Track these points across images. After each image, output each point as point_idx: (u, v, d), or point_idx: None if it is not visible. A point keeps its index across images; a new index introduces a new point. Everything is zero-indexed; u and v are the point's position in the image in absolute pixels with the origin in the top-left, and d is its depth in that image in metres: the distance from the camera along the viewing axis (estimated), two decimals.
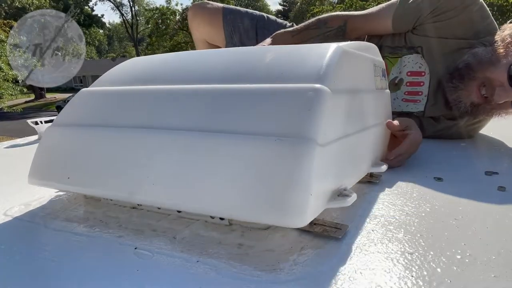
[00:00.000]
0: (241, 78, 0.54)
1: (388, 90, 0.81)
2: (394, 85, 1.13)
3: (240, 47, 0.77)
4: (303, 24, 1.23)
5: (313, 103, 0.45)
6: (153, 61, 0.70)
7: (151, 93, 0.57)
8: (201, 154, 0.47)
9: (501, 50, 0.91)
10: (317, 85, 0.47)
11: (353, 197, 0.48)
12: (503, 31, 0.97)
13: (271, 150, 0.43)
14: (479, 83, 0.94)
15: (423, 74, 1.08)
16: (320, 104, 0.45)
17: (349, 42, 0.63)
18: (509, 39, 0.92)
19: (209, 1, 1.69)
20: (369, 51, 0.71)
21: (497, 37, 0.96)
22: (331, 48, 0.55)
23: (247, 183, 0.43)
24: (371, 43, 0.77)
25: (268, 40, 1.22)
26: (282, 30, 1.25)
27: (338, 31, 1.16)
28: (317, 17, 1.22)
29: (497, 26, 1.03)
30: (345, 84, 0.54)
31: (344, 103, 0.53)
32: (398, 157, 0.78)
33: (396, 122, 0.78)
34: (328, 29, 1.17)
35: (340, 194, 0.49)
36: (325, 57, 0.52)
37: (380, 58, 0.79)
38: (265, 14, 1.68)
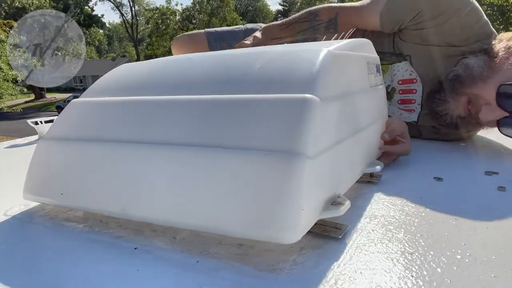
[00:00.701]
0: (230, 87, 0.52)
1: (383, 85, 0.80)
2: (387, 94, 1.10)
3: (229, 50, 0.77)
4: (292, 16, 1.19)
5: (302, 115, 0.44)
6: (141, 69, 0.69)
7: (139, 104, 0.56)
8: (190, 170, 0.46)
9: (495, 66, 0.87)
10: (307, 95, 0.46)
11: (347, 205, 0.48)
12: (499, 42, 0.92)
13: (261, 165, 0.42)
14: (467, 99, 0.90)
15: (414, 81, 1.05)
16: (309, 116, 0.44)
17: (340, 43, 0.61)
18: (502, 54, 0.88)
19: (189, 32, 1.72)
20: (362, 49, 0.69)
21: (493, 46, 0.92)
22: (321, 53, 0.53)
23: (237, 199, 0.43)
24: (365, 38, 0.76)
25: (258, 33, 1.18)
26: (271, 23, 1.21)
27: (328, 24, 1.12)
28: (307, 9, 1.17)
29: (491, 27, 0.98)
30: (336, 90, 0.53)
31: (335, 110, 0.52)
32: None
33: (387, 135, 0.77)
34: (318, 22, 1.12)
35: (334, 202, 0.48)
36: (315, 64, 0.51)
37: (374, 53, 0.77)
38: (246, 26, 1.67)
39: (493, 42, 0.94)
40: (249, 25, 1.68)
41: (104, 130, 0.56)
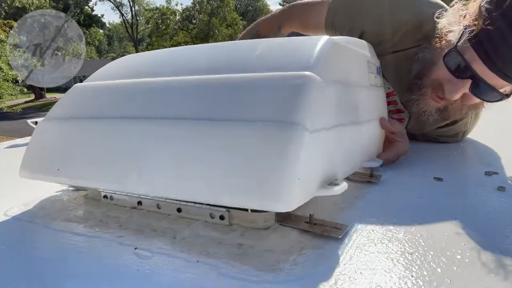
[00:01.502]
0: (232, 69, 0.54)
1: (382, 87, 0.80)
2: None
3: (232, 41, 0.77)
4: (242, 34, 1.20)
5: (302, 88, 0.46)
6: (144, 57, 0.71)
7: (140, 85, 0.58)
8: (187, 141, 0.47)
9: (438, 45, 0.85)
10: (307, 72, 0.48)
11: (343, 186, 0.48)
12: (441, 22, 0.87)
13: (259, 135, 0.43)
14: (431, 87, 0.88)
15: (394, 93, 1.02)
16: (309, 90, 0.46)
17: (342, 37, 0.63)
18: (444, 30, 0.84)
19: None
20: (363, 48, 0.71)
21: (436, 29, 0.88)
22: (322, 39, 0.56)
23: (234, 168, 0.43)
24: (367, 42, 0.76)
25: None
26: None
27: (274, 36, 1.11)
28: (255, 22, 1.17)
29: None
30: (336, 74, 0.55)
31: (334, 93, 0.53)
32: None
33: (388, 123, 0.78)
34: (263, 37, 1.11)
35: (331, 183, 0.48)
36: (315, 47, 0.53)
37: (375, 56, 0.77)
38: None
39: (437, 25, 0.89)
40: None
41: (102, 108, 0.57)
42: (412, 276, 0.40)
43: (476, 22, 0.74)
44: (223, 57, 0.59)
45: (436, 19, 0.88)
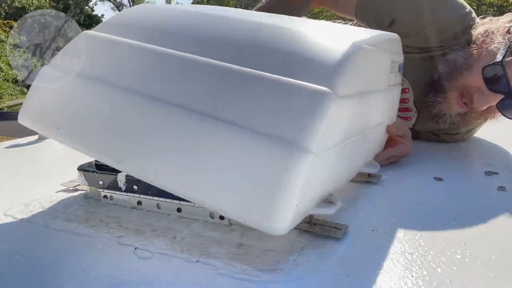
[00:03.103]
0: (252, 60, 0.49)
1: (399, 85, 0.78)
2: None
3: (259, 14, 0.68)
4: (266, 1, 1.13)
5: (317, 109, 0.42)
6: (162, 14, 0.64)
7: (152, 54, 0.53)
8: (194, 138, 0.45)
9: (475, 52, 0.85)
10: (326, 90, 0.43)
11: (338, 205, 0.47)
12: (476, 29, 0.89)
13: (266, 150, 0.41)
14: (458, 92, 0.88)
15: (407, 91, 1.02)
16: (324, 112, 0.42)
17: (371, 35, 0.57)
18: (482, 39, 0.86)
19: None
20: (390, 46, 0.65)
21: (473, 34, 0.89)
22: (350, 47, 0.49)
23: (233, 177, 0.41)
24: (396, 34, 0.72)
25: None
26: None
27: (301, 9, 1.08)
28: None
29: (472, 15, 0.93)
30: (356, 87, 0.50)
31: (350, 109, 0.49)
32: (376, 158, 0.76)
33: (394, 129, 0.77)
34: (291, 8, 1.08)
35: (326, 200, 0.47)
36: (340, 57, 0.47)
37: (401, 52, 0.75)
38: None
39: (472, 31, 0.91)
40: None
41: (115, 74, 0.52)
42: (412, 276, 0.40)
43: None
44: (246, 41, 0.53)
45: (475, 25, 0.89)
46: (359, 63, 0.50)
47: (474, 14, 0.95)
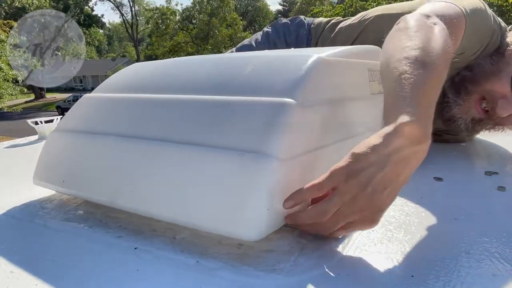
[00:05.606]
0: (219, 89, 0.54)
1: None
2: None
3: (221, 54, 0.79)
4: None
5: (277, 118, 0.45)
6: (147, 68, 0.73)
7: (132, 102, 0.61)
8: (168, 165, 0.49)
9: (504, 58, 0.84)
10: (284, 99, 0.47)
11: None
12: (506, 38, 0.88)
13: (234, 163, 0.44)
14: (479, 97, 0.86)
15: None
16: (283, 120, 0.45)
17: (338, 49, 0.60)
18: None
19: None
20: (365, 56, 0.68)
21: (503, 40, 0.88)
22: (310, 59, 0.52)
23: (209, 194, 0.45)
24: (374, 46, 0.74)
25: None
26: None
27: None
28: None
29: (498, 22, 0.90)
30: (324, 94, 0.53)
31: (320, 116, 0.51)
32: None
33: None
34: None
35: None
36: (300, 70, 0.51)
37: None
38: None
39: (505, 37, 0.89)
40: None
41: (102, 124, 0.61)
42: (412, 276, 0.40)
43: None
44: (214, 76, 0.59)
45: (507, 32, 0.88)
46: (322, 72, 0.53)
47: (503, 24, 0.93)
